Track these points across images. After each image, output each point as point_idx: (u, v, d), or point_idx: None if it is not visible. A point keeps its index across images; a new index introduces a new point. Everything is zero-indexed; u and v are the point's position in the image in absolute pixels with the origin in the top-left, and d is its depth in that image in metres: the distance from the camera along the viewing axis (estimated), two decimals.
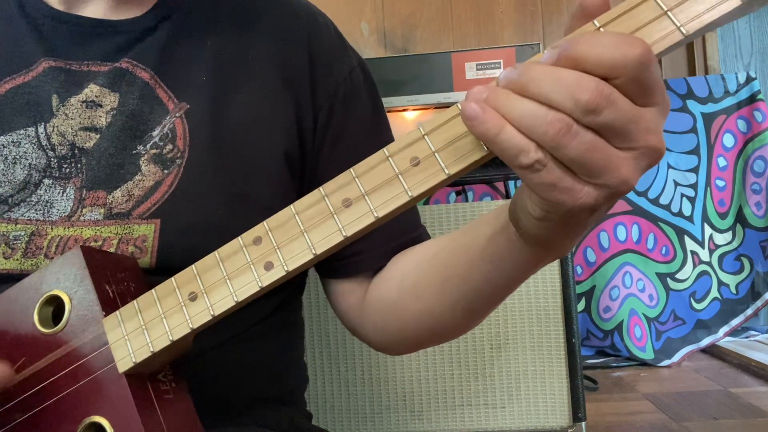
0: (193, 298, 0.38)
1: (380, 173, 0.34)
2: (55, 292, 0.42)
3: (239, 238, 0.37)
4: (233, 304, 0.37)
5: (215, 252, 0.38)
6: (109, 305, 0.41)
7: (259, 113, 0.54)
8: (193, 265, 0.38)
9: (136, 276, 0.45)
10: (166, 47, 0.54)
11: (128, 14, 0.55)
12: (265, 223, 0.37)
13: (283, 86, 0.56)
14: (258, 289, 0.36)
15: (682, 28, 0.29)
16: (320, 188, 0.35)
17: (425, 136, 0.33)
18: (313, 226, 0.35)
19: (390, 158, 0.34)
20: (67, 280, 0.42)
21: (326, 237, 0.35)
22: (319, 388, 1.07)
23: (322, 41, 0.59)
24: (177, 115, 0.52)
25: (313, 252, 0.35)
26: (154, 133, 0.51)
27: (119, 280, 0.43)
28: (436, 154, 0.33)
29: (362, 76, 0.60)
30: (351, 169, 0.35)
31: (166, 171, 0.50)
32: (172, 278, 0.39)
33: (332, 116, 0.57)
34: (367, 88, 0.60)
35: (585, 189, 0.29)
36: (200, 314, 0.38)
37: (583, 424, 1.04)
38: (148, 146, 0.51)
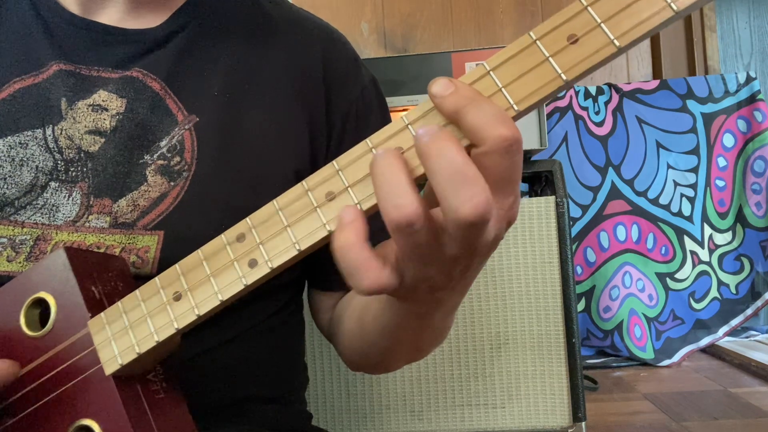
0: (177, 297, 0.37)
1: (364, 165, 0.33)
2: (41, 294, 0.42)
3: (222, 235, 0.37)
4: (218, 303, 0.36)
5: (198, 250, 0.37)
6: (96, 306, 0.40)
7: (271, 131, 0.54)
8: (176, 265, 0.38)
9: (124, 275, 0.44)
10: (179, 58, 0.53)
11: (144, 23, 0.54)
12: (248, 219, 0.36)
13: (296, 104, 0.55)
14: (242, 287, 0.35)
15: (672, 5, 0.28)
16: (303, 182, 0.35)
17: (409, 126, 0.32)
18: (297, 221, 0.34)
19: (374, 149, 0.33)
20: (53, 282, 0.41)
21: (310, 232, 0.34)
22: (319, 388, 1.07)
23: (337, 60, 0.59)
24: (186, 127, 0.51)
25: (297, 248, 0.34)
26: (162, 144, 0.51)
27: (106, 281, 0.42)
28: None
29: (374, 94, 0.61)
30: (334, 162, 0.34)
31: (172, 183, 0.50)
32: (156, 278, 0.38)
33: (345, 136, 0.57)
34: (378, 106, 0.61)
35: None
36: (185, 314, 0.37)
37: (583, 424, 1.04)
38: (155, 156, 0.50)
